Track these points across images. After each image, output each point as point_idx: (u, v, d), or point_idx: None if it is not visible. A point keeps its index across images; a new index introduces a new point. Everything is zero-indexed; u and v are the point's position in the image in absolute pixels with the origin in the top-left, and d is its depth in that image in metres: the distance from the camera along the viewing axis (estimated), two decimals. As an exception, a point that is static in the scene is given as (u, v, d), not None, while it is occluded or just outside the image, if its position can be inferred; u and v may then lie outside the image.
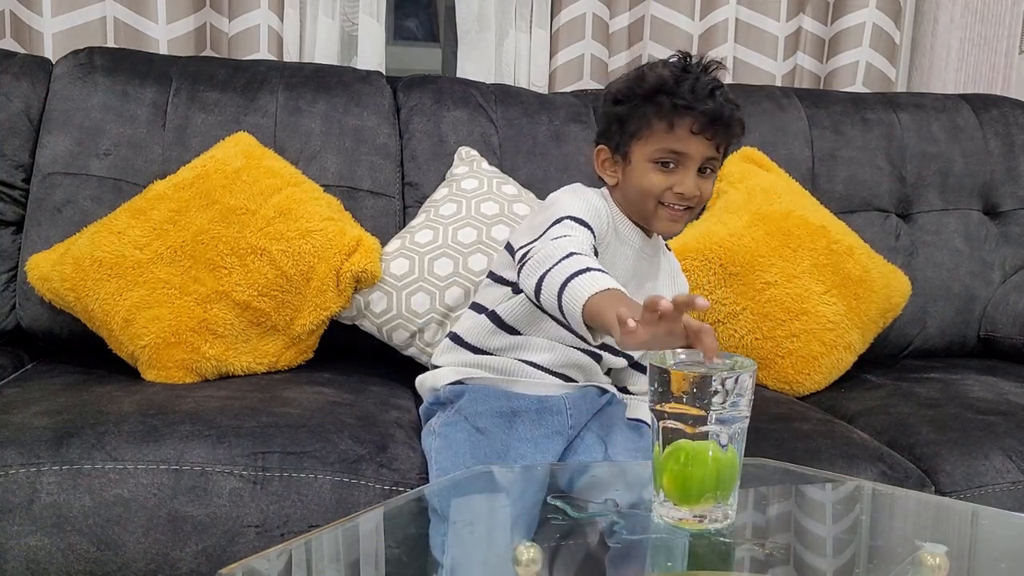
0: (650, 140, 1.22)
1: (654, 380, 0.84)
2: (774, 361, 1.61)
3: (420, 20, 2.46)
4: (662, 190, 1.23)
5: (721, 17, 2.17)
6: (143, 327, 1.42)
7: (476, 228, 1.56)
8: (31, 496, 1.10)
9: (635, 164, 1.24)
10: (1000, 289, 1.89)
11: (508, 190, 1.64)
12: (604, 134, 1.29)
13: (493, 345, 1.30)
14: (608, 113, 1.28)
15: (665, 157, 1.22)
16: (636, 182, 1.25)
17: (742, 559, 0.84)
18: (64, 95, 1.64)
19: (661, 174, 1.23)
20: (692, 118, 1.20)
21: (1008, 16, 2.29)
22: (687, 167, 1.22)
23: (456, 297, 1.52)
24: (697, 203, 1.25)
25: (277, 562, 0.80)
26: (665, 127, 1.21)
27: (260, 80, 1.72)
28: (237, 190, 1.51)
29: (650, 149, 1.23)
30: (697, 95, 1.20)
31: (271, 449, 1.17)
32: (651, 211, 1.25)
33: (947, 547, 0.81)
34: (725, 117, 1.21)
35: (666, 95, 1.20)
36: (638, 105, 1.23)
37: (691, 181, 1.22)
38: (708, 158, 1.23)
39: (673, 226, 1.27)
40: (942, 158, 1.94)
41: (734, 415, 0.83)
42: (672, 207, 1.24)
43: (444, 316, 1.52)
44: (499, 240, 1.52)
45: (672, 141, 1.21)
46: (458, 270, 1.53)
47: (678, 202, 1.23)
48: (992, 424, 1.39)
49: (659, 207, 1.24)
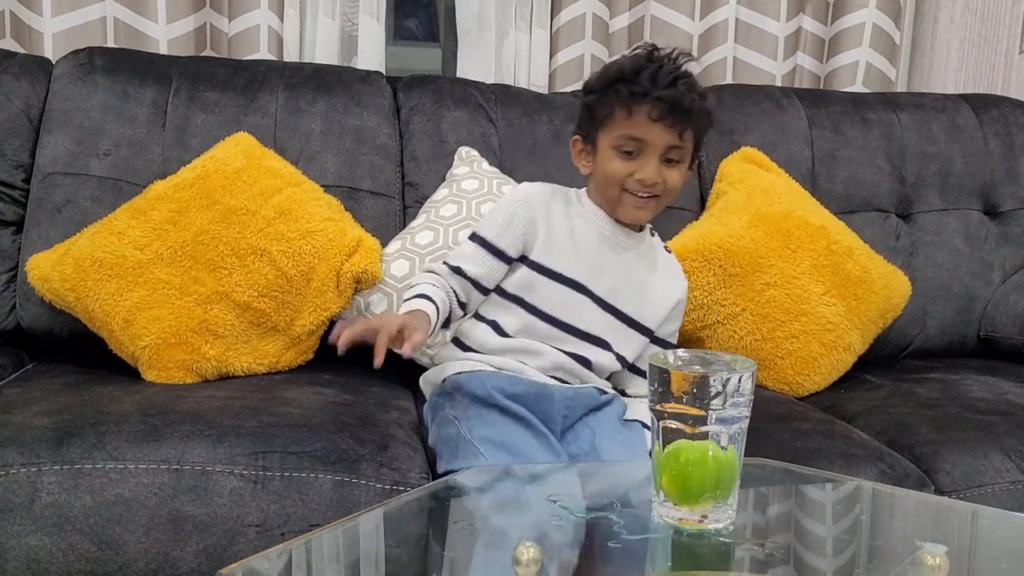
0: (612, 128, 1.26)
1: (654, 380, 0.84)
2: (774, 362, 1.61)
3: (420, 20, 2.46)
4: (623, 176, 1.26)
5: (721, 17, 2.17)
6: (143, 327, 1.42)
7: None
8: (32, 496, 1.10)
9: (600, 152, 1.29)
10: (1000, 289, 1.89)
11: (508, 191, 1.64)
12: (579, 125, 1.34)
13: (492, 346, 1.31)
14: (582, 103, 1.32)
15: (625, 144, 1.25)
16: (601, 169, 1.29)
17: (742, 559, 0.84)
18: (64, 95, 1.65)
19: (623, 161, 1.26)
20: (650, 105, 1.22)
21: (1008, 16, 2.29)
22: (648, 154, 1.25)
23: (456, 297, 1.52)
24: (663, 192, 1.28)
25: (277, 562, 0.80)
26: (625, 114, 1.24)
27: (260, 80, 1.72)
28: (237, 190, 1.51)
29: (612, 136, 1.26)
30: (657, 83, 1.22)
31: (272, 449, 1.17)
32: (616, 198, 1.29)
33: (947, 547, 0.81)
34: (685, 105, 1.23)
35: (624, 83, 1.24)
36: (603, 94, 1.27)
37: (651, 168, 1.25)
38: (671, 146, 1.25)
39: (637, 213, 1.30)
40: (942, 158, 1.94)
41: (734, 415, 0.83)
42: (636, 194, 1.27)
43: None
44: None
45: (631, 128, 1.24)
46: (458, 270, 1.53)
47: (640, 189, 1.27)
48: (992, 424, 1.39)
49: (623, 194, 1.28)
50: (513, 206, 1.33)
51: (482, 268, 1.31)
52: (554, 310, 1.30)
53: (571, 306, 1.31)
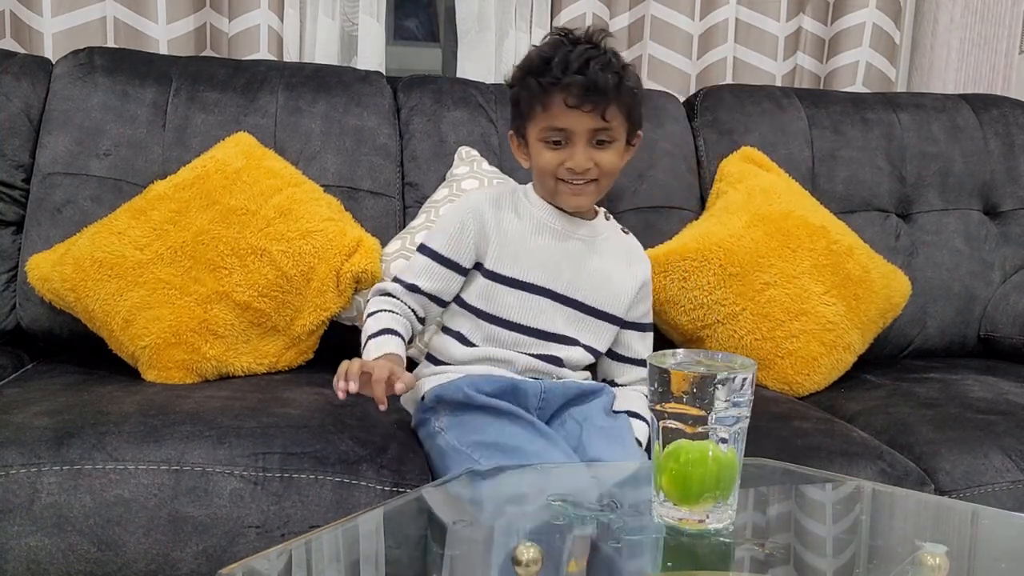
0: (535, 121, 1.26)
1: (654, 380, 0.84)
2: (774, 361, 1.61)
3: (420, 20, 2.46)
4: (555, 167, 1.26)
5: (721, 17, 2.17)
6: (143, 327, 1.42)
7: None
8: (31, 496, 1.10)
9: (531, 145, 1.29)
10: (1000, 289, 1.89)
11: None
12: (511, 119, 1.34)
13: (461, 357, 1.31)
14: (510, 98, 1.32)
15: (550, 136, 1.26)
16: (535, 162, 1.29)
17: (742, 559, 0.84)
18: (64, 95, 1.65)
19: (552, 152, 1.26)
20: (563, 94, 1.22)
21: (1008, 16, 2.29)
22: (574, 142, 1.25)
23: (456, 297, 1.52)
24: (600, 175, 1.27)
25: (277, 562, 0.80)
26: (541, 107, 1.24)
27: (260, 80, 1.72)
28: (237, 190, 1.51)
29: (537, 129, 1.27)
30: (568, 69, 1.21)
31: (272, 450, 1.17)
32: (553, 188, 1.29)
33: (947, 547, 0.81)
34: (599, 86, 1.21)
35: (534, 75, 1.24)
36: (520, 88, 1.27)
37: (580, 155, 1.25)
38: (595, 129, 1.24)
39: (577, 200, 1.30)
40: (942, 158, 1.94)
41: (734, 415, 0.83)
42: (571, 182, 1.27)
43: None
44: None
45: (551, 119, 1.24)
46: (458, 270, 1.53)
47: (573, 177, 1.26)
48: (992, 424, 1.39)
49: (559, 183, 1.28)
50: (462, 216, 1.31)
51: (437, 282, 1.31)
52: (515, 316, 1.30)
53: (532, 309, 1.30)
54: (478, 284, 1.31)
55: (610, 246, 1.36)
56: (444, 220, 1.35)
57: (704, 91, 1.96)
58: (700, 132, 1.90)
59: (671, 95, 1.95)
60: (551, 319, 1.31)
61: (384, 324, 1.28)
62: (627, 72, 1.26)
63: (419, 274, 1.31)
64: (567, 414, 1.29)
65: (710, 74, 2.18)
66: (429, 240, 1.33)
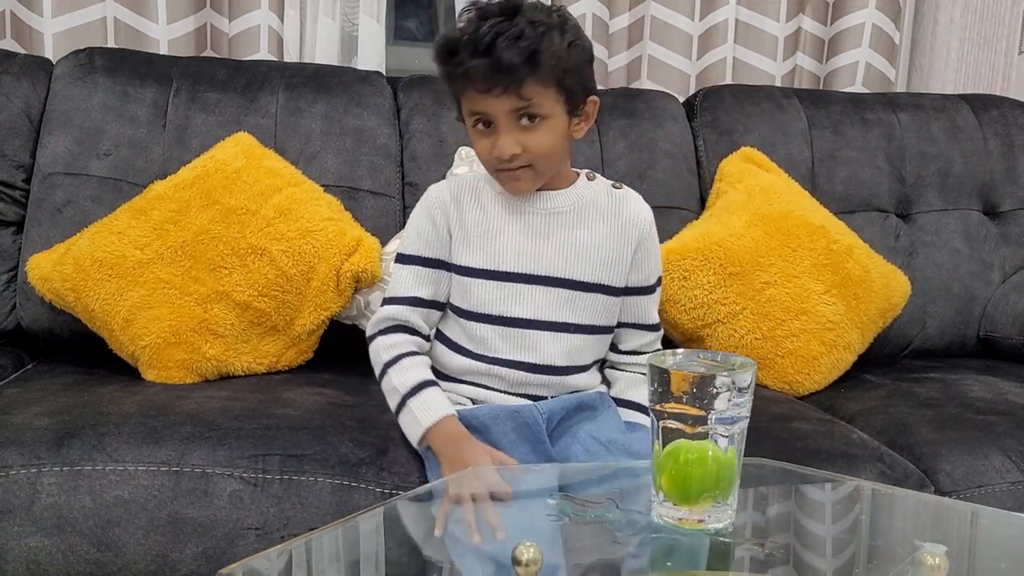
0: (461, 106, 1.19)
1: (654, 380, 0.84)
2: (774, 361, 1.61)
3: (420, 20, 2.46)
4: (487, 155, 1.17)
5: (721, 17, 2.17)
6: (143, 327, 1.42)
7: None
8: (31, 497, 1.10)
9: (468, 130, 1.20)
10: (1000, 289, 1.89)
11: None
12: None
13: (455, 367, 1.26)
14: None
15: (474, 120, 1.17)
16: (473, 148, 1.21)
17: (742, 559, 0.84)
18: (64, 95, 1.65)
19: (482, 138, 1.17)
20: (471, 80, 1.12)
21: (1008, 16, 2.29)
22: (497, 127, 1.15)
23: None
24: (535, 158, 1.16)
25: (277, 562, 0.80)
26: (459, 92, 1.16)
27: (260, 80, 1.72)
28: (237, 190, 1.51)
29: (465, 115, 1.19)
30: (475, 53, 1.10)
31: (271, 451, 1.17)
32: (494, 176, 1.21)
33: (947, 547, 0.80)
34: (506, 63, 1.09)
35: (441, 64, 1.16)
36: (441, 76, 1.19)
37: (504, 141, 1.14)
38: (516, 109, 1.13)
39: (517, 186, 1.20)
40: (942, 158, 1.94)
41: (734, 415, 0.83)
42: (505, 169, 1.17)
43: (444, 316, 1.52)
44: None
45: (470, 104, 1.16)
46: (458, 270, 1.53)
47: (502, 165, 1.17)
48: (992, 424, 1.39)
49: (496, 172, 1.19)
50: (429, 212, 1.25)
51: (432, 286, 1.25)
52: (495, 307, 1.22)
53: (511, 297, 1.22)
54: (454, 282, 1.25)
55: (596, 211, 1.25)
56: (413, 224, 1.28)
57: (704, 91, 1.97)
58: (700, 132, 1.90)
59: (671, 95, 1.95)
60: (536, 305, 1.22)
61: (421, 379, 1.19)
62: (545, 37, 1.11)
63: (413, 285, 1.24)
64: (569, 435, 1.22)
65: (710, 74, 2.18)
66: (406, 248, 1.26)
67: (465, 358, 1.25)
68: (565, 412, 1.23)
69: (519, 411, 1.20)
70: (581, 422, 1.24)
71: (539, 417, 1.20)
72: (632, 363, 1.32)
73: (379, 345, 1.24)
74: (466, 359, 1.25)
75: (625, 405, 1.29)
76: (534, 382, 1.24)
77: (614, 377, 1.33)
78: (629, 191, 1.30)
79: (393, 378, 1.21)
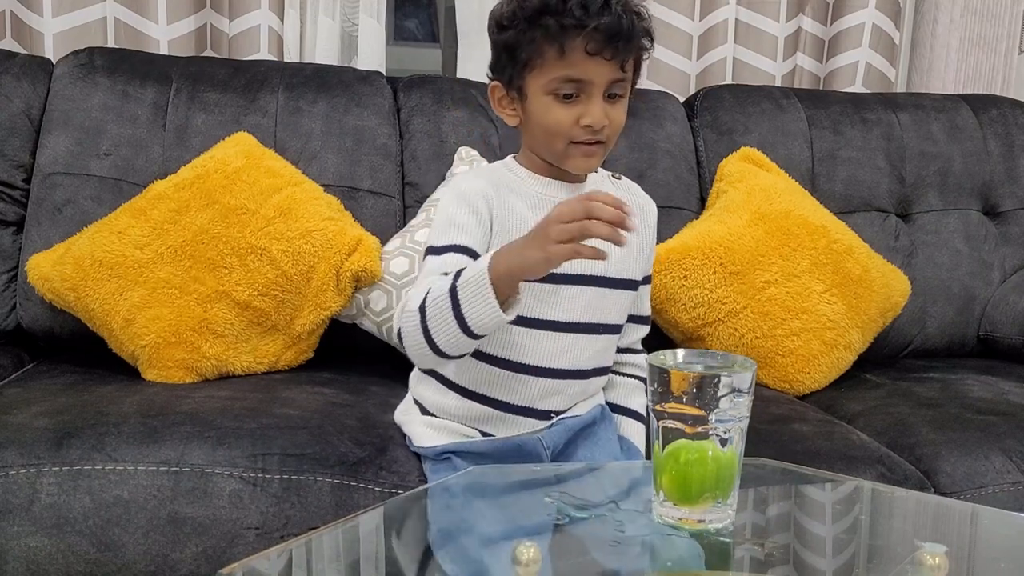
0: (544, 69, 1.07)
1: (654, 380, 0.84)
2: (774, 360, 1.61)
3: (420, 20, 2.46)
4: (569, 126, 1.08)
5: (721, 17, 2.17)
6: (143, 327, 1.42)
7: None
8: (31, 497, 1.10)
9: (533, 99, 1.10)
10: (1000, 289, 1.89)
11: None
12: (495, 67, 1.13)
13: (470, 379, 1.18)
14: (496, 42, 1.11)
15: (563, 88, 1.07)
16: (539, 120, 1.10)
17: (742, 559, 0.84)
18: (64, 95, 1.65)
19: (563, 107, 1.08)
20: (585, 38, 1.03)
21: (1008, 16, 2.29)
22: (591, 94, 1.07)
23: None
24: (611, 135, 1.11)
25: (277, 562, 0.80)
26: (556, 52, 1.05)
27: (260, 80, 1.72)
28: (237, 190, 1.51)
29: (545, 80, 1.07)
30: (588, 10, 1.03)
31: (271, 451, 1.17)
32: (561, 151, 1.11)
33: (947, 547, 0.80)
34: (625, 30, 1.04)
35: (551, 15, 1.04)
36: (524, 30, 1.06)
37: (598, 110, 1.07)
38: (614, 81, 1.07)
39: (588, 162, 1.12)
40: (942, 158, 1.94)
41: (734, 415, 0.83)
42: (583, 143, 1.09)
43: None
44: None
45: (567, 68, 1.06)
46: (458, 270, 1.53)
47: (588, 136, 1.08)
48: (992, 424, 1.39)
49: (569, 145, 1.10)
50: (471, 201, 1.13)
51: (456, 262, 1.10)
52: (530, 309, 1.13)
53: (549, 298, 1.14)
54: None
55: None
56: (448, 217, 1.13)
57: (704, 91, 1.97)
58: (700, 132, 1.90)
59: (671, 95, 1.95)
60: (571, 306, 1.14)
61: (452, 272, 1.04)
62: (645, 14, 1.08)
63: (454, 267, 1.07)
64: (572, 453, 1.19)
65: (710, 74, 2.18)
66: (439, 240, 1.12)
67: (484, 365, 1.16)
68: (567, 439, 1.20)
69: (523, 445, 1.16)
70: (579, 448, 1.21)
71: (543, 452, 1.17)
72: (630, 363, 1.31)
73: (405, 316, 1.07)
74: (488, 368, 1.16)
75: (623, 413, 1.28)
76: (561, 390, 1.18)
77: (612, 381, 1.30)
78: (630, 182, 1.27)
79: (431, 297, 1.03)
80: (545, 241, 0.95)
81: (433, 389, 1.21)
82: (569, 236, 0.94)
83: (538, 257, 0.96)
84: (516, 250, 0.99)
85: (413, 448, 1.23)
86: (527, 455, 1.16)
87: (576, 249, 0.94)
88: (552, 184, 1.17)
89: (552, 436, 1.18)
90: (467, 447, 1.17)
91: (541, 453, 1.17)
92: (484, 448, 1.17)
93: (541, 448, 1.17)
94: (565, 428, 1.20)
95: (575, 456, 1.20)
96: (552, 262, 0.96)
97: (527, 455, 1.16)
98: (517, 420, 1.19)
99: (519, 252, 0.98)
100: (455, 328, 1.01)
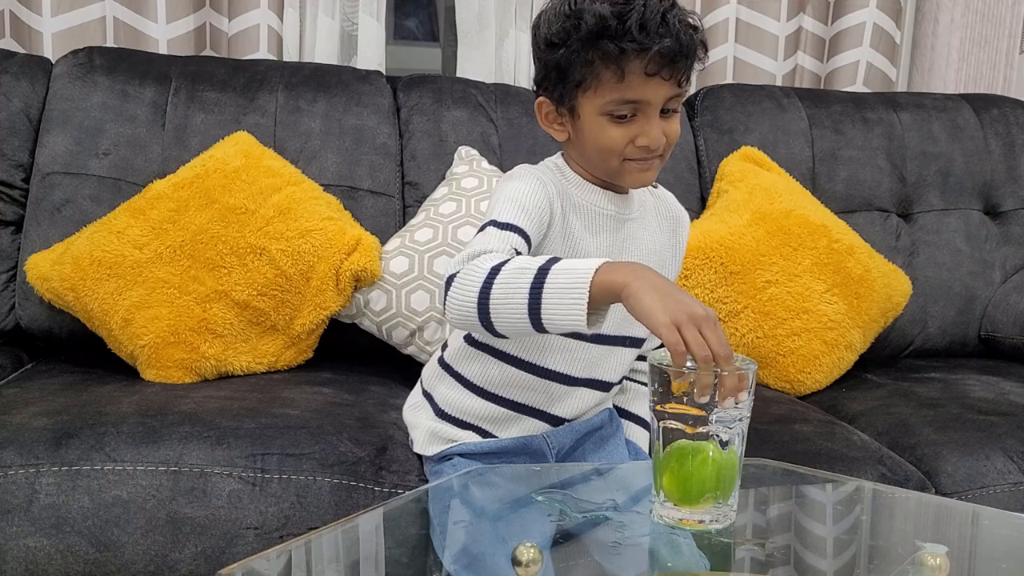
0: (599, 91, 1.03)
1: (654, 380, 0.84)
2: (775, 360, 1.61)
3: (420, 20, 2.46)
4: (623, 145, 1.05)
5: (721, 17, 2.17)
6: (142, 327, 1.42)
7: (475, 226, 1.56)
8: (30, 497, 1.10)
9: (586, 119, 1.06)
10: (1001, 289, 1.89)
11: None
12: (543, 83, 1.09)
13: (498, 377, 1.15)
14: (544, 60, 1.07)
15: (620, 110, 1.04)
16: (592, 140, 1.06)
17: (742, 559, 0.84)
18: (64, 95, 1.64)
19: (618, 128, 1.04)
20: (645, 61, 1.00)
21: (1008, 16, 2.29)
22: (648, 115, 1.04)
23: (456, 297, 1.51)
24: (666, 148, 1.08)
25: (277, 562, 0.80)
26: (614, 76, 1.01)
27: (260, 80, 1.72)
28: (236, 189, 1.51)
29: (601, 102, 1.04)
30: (648, 31, 0.99)
31: (270, 451, 1.17)
32: (616, 169, 1.08)
33: (948, 547, 0.80)
34: (685, 48, 1.01)
35: (610, 38, 1.00)
36: (578, 51, 1.02)
37: (655, 130, 1.04)
38: (671, 97, 1.05)
39: (645, 176, 1.09)
40: (942, 158, 1.94)
41: (734, 415, 0.83)
42: (640, 160, 1.06)
43: (443, 314, 1.52)
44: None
45: (625, 90, 1.02)
46: (458, 270, 1.53)
47: (645, 156, 1.06)
48: (993, 424, 1.39)
49: (624, 163, 1.07)
50: (546, 190, 1.08)
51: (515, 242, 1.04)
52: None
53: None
54: None
55: (651, 213, 1.18)
56: (515, 198, 1.06)
57: (704, 91, 1.96)
58: (700, 132, 1.89)
59: (671, 95, 1.95)
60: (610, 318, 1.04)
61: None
62: (698, 24, 1.05)
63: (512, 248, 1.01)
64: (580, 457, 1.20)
65: (710, 74, 2.18)
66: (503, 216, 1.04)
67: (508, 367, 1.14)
68: (574, 441, 1.20)
69: (528, 444, 1.17)
70: (587, 452, 1.21)
71: (548, 452, 1.18)
72: (639, 369, 1.30)
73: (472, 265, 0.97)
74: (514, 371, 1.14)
75: (630, 418, 1.29)
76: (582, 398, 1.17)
77: (622, 386, 1.29)
78: (665, 191, 1.24)
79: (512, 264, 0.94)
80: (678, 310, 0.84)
81: (453, 387, 1.18)
82: (689, 345, 0.83)
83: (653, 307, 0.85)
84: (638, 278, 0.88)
85: (414, 449, 1.23)
86: (532, 454, 1.17)
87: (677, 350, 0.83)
88: (600, 194, 1.13)
89: (558, 436, 1.19)
90: (470, 447, 1.17)
91: (546, 453, 1.18)
92: (488, 447, 1.17)
93: (546, 447, 1.18)
94: (571, 430, 1.20)
95: (582, 459, 1.20)
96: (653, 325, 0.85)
97: (532, 454, 1.17)
98: (530, 422, 1.18)
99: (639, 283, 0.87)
100: (522, 308, 0.92)
